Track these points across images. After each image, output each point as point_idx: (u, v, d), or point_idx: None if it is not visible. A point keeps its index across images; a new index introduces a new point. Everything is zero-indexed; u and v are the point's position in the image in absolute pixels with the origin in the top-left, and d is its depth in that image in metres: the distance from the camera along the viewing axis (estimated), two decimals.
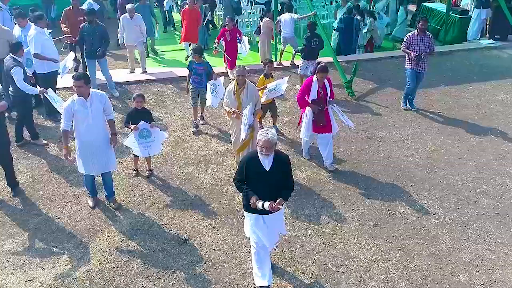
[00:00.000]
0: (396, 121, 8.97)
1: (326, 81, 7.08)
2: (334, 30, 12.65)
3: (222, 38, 10.31)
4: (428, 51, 8.83)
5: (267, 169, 4.67)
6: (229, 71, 10.63)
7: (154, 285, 5.28)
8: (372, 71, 11.35)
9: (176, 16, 15.94)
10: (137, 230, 6.13)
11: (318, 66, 7.02)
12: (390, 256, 5.71)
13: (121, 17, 10.68)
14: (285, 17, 11.29)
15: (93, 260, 5.63)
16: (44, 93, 7.26)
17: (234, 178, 4.95)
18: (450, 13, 14.08)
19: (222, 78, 8.30)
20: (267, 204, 4.53)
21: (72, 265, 5.55)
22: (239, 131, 6.93)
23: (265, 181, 4.67)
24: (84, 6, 11.29)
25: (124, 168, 7.39)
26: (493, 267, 5.56)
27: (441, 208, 6.56)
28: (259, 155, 4.67)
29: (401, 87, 10.43)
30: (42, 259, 5.66)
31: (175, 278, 5.37)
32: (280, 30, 11.42)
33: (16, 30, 8.89)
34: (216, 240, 5.96)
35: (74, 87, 5.76)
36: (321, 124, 7.10)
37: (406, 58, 9.12)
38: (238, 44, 10.44)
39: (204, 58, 8.74)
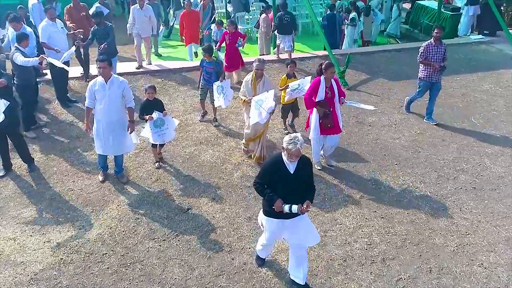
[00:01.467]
0: (386, 108, 9.54)
1: (333, 82, 6.96)
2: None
3: (224, 41, 10.31)
4: (443, 59, 8.57)
5: (292, 172, 4.66)
6: (226, 73, 10.14)
7: (160, 245, 5.87)
8: (365, 63, 11.93)
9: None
10: (144, 200, 6.72)
11: (323, 65, 6.87)
12: (374, 223, 6.29)
13: (132, 7, 11.03)
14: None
15: (104, 225, 6.23)
16: (45, 59, 7.89)
17: (255, 182, 4.82)
18: (442, 10, 14.67)
19: (229, 80, 8.64)
20: (295, 207, 4.53)
21: (86, 229, 6.15)
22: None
23: (289, 184, 4.66)
24: (92, 10, 11.27)
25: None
26: (467, 232, 6.13)
27: (422, 183, 7.14)
28: (285, 160, 4.64)
29: (392, 78, 11.09)
30: (58, 224, 6.25)
31: (178, 240, 5.95)
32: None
33: (10, 34, 9.07)
34: (215, 209, 6.54)
35: (98, 68, 6.42)
36: (329, 125, 7.00)
37: (421, 69, 8.69)
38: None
39: (216, 58, 8.90)
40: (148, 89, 7.24)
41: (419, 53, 8.65)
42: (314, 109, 6.99)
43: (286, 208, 4.54)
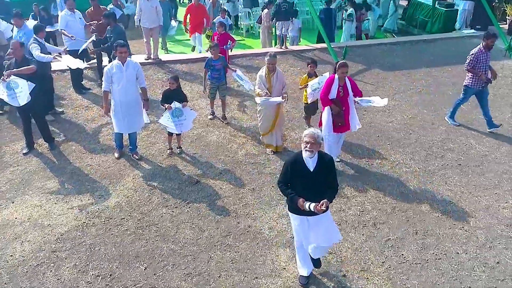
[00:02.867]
0: (380, 95, 9.98)
1: (347, 81, 7.09)
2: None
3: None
4: (489, 66, 8.53)
5: (311, 170, 4.72)
6: None
7: (172, 211, 6.50)
8: (362, 55, 12.58)
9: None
10: (157, 174, 7.35)
11: (337, 64, 7.03)
12: (366, 194, 6.91)
13: None
14: None
15: (122, 194, 6.86)
16: (58, 57, 8.48)
17: (278, 181, 4.96)
18: (437, 6, 15.33)
19: (238, 70, 8.99)
20: (312, 205, 4.60)
21: (105, 198, 6.78)
22: (265, 113, 7.68)
23: (309, 182, 4.71)
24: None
25: (142, 129, 8.56)
26: (450, 201, 6.76)
27: (412, 161, 7.76)
28: (303, 153, 4.71)
29: (387, 69, 11.72)
30: (80, 194, 6.88)
31: (189, 207, 6.58)
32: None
33: (15, 32, 9.49)
34: (222, 181, 7.17)
35: (119, 53, 7.04)
36: (340, 124, 7.16)
37: (469, 76, 8.56)
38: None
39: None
40: (169, 79, 7.67)
41: (468, 61, 8.43)
42: (326, 107, 7.12)
43: (306, 206, 4.65)
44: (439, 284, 5.34)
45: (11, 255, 5.72)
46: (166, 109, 7.50)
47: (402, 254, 5.77)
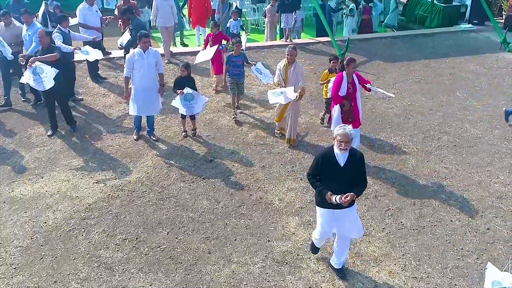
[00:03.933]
0: (381, 85, 10.67)
1: (354, 76, 7.18)
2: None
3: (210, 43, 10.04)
4: None
5: (342, 165, 4.83)
6: (215, 77, 10.40)
7: (190, 185, 7.06)
8: (363, 48, 13.15)
9: None
10: (173, 153, 7.91)
11: (345, 60, 7.12)
12: (368, 170, 7.23)
13: None
14: None
15: (142, 171, 7.42)
16: (78, 49, 9.06)
17: (307, 173, 5.09)
18: (435, 2, 15.88)
19: (259, 63, 9.14)
20: (338, 197, 4.74)
21: (126, 174, 7.34)
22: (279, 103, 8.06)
23: (339, 177, 4.81)
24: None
25: (158, 114, 9.11)
26: (445, 177, 7.32)
27: (410, 142, 8.33)
28: (335, 150, 4.82)
29: (387, 60, 12.30)
30: (103, 170, 7.45)
31: (205, 182, 7.15)
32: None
33: (24, 30, 9.60)
34: (234, 160, 7.73)
35: (142, 43, 7.61)
36: (350, 119, 7.20)
37: None
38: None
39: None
40: (180, 67, 8.25)
41: None
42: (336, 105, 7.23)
43: (333, 199, 4.80)
44: (434, 247, 5.90)
45: (45, 222, 6.29)
46: (178, 94, 8.04)
47: (401, 222, 6.33)
